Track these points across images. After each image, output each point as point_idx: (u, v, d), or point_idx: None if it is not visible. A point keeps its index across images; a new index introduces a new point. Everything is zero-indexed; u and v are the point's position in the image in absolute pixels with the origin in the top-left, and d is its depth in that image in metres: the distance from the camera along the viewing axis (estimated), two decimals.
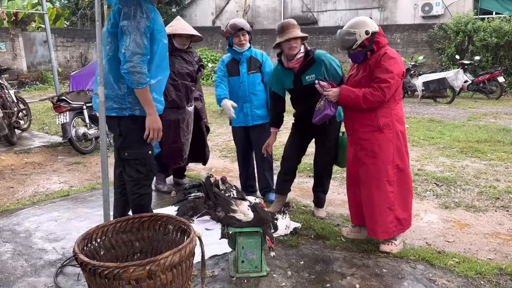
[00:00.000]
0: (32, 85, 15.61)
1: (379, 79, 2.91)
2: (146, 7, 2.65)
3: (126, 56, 2.58)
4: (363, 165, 3.09)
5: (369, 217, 3.10)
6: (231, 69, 3.97)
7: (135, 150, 2.85)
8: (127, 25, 2.58)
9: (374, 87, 2.91)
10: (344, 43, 3.02)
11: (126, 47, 2.58)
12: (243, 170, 4.25)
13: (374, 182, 3.04)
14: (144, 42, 2.61)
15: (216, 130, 7.95)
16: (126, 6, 2.60)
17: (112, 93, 2.76)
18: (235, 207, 2.80)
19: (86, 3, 19.24)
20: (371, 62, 2.99)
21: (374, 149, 3.02)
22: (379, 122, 3.00)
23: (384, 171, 3.02)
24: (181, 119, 4.14)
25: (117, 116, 2.79)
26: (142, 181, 2.91)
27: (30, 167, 5.57)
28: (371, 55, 3.00)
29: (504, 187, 4.47)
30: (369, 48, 2.98)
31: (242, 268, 2.78)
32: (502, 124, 8.01)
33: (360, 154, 3.10)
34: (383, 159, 3.02)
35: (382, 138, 3.01)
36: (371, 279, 2.74)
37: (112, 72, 2.75)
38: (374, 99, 2.91)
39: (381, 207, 3.03)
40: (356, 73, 3.11)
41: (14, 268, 2.92)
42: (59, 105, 6.04)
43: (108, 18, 2.81)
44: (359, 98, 2.94)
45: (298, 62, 3.42)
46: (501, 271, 2.81)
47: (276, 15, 19.34)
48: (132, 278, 1.97)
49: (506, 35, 12.96)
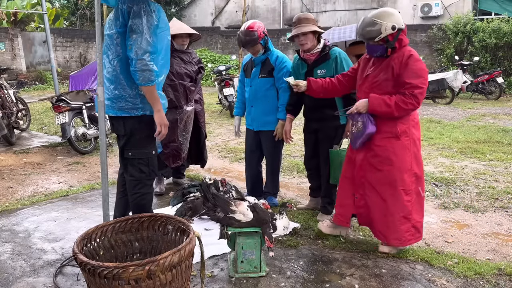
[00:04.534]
0: (31, 85, 15.60)
1: (410, 85, 2.73)
2: (154, 6, 2.69)
3: (138, 54, 2.59)
4: (377, 172, 2.95)
5: (380, 222, 3.01)
6: (247, 70, 3.97)
7: (139, 150, 2.86)
8: (137, 23, 2.60)
9: (406, 94, 2.73)
10: (366, 33, 2.83)
11: (137, 45, 2.59)
12: (248, 174, 4.15)
13: (389, 190, 2.93)
14: (153, 39, 2.64)
15: (215, 130, 7.95)
16: (135, 5, 2.62)
17: (124, 93, 2.76)
18: (234, 207, 2.80)
19: (86, 3, 19.23)
20: (394, 63, 2.81)
21: (389, 156, 2.90)
22: (397, 129, 2.86)
23: (401, 180, 2.90)
24: (179, 119, 4.14)
25: (122, 116, 2.80)
26: (144, 181, 2.92)
27: (29, 167, 5.57)
28: (392, 53, 2.84)
29: (503, 188, 4.48)
30: (392, 45, 2.80)
31: (241, 268, 2.78)
32: (501, 125, 8.02)
33: (373, 160, 2.96)
34: (399, 167, 2.89)
35: (398, 145, 2.88)
36: (370, 279, 2.74)
37: (123, 72, 2.74)
38: (408, 107, 2.75)
39: (395, 216, 2.94)
40: (374, 74, 2.93)
41: (13, 268, 2.92)
42: (58, 105, 6.03)
43: (110, 18, 2.80)
44: (391, 107, 2.77)
45: (315, 55, 3.49)
46: (500, 271, 2.81)
47: (275, 15, 19.35)
48: (131, 278, 1.97)
49: (505, 36, 12.98)
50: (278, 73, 3.75)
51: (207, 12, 20.83)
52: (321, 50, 3.48)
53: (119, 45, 2.72)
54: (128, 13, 2.64)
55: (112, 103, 2.79)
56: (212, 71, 15.12)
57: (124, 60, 2.72)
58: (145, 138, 2.86)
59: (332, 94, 3.36)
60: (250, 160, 4.10)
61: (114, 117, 2.84)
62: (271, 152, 3.95)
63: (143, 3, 2.64)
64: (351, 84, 3.24)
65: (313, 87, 3.29)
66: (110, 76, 2.77)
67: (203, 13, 20.89)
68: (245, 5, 11.79)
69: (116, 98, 2.77)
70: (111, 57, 2.76)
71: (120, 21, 2.68)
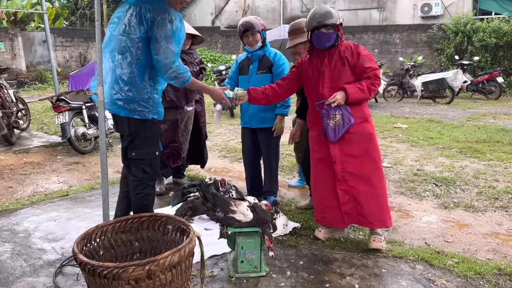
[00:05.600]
0: (31, 85, 15.61)
1: (371, 69, 2.99)
2: (176, 15, 2.75)
3: (167, 66, 2.69)
4: (357, 159, 3.01)
5: (375, 209, 3.03)
6: (243, 67, 3.92)
7: (143, 150, 2.87)
8: (162, 35, 2.65)
9: (371, 77, 2.98)
10: (324, 19, 2.99)
11: (164, 56, 2.67)
12: (247, 173, 4.14)
13: (374, 172, 3.04)
14: (177, 48, 2.73)
15: (215, 130, 7.95)
16: (160, 15, 2.67)
17: (138, 96, 2.78)
18: (234, 207, 2.80)
19: (85, 3, 19.24)
20: (347, 54, 3.02)
21: (366, 139, 3.04)
22: (365, 113, 3.07)
23: (379, 158, 3.09)
24: (179, 119, 4.14)
25: (126, 116, 2.81)
26: (147, 181, 2.92)
27: (29, 167, 5.57)
28: (337, 46, 3.05)
29: (503, 187, 4.48)
30: (339, 35, 3.04)
31: (241, 268, 2.78)
32: (501, 125, 8.02)
33: (351, 148, 3.01)
34: (375, 146, 3.08)
35: (368, 127, 3.07)
36: (370, 279, 2.74)
37: (139, 75, 2.77)
38: (376, 88, 2.99)
39: (384, 196, 3.09)
40: (330, 68, 3.05)
41: (13, 268, 2.92)
42: (58, 105, 6.03)
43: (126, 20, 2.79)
44: (365, 92, 2.97)
45: None
46: (500, 271, 2.81)
47: (275, 15, 19.35)
48: (131, 278, 1.97)
49: (505, 35, 12.98)
50: (277, 69, 3.76)
51: (207, 12, 20.83)
52: None
53: (140, 49, 2.74)
54: (152, 22, 2.68)
55: (125, 103, 2.80)
56: (212, 70, 15.12)
57: (144, 65, 2.76)
58: (149, 138, 2.87)
59: (275, 100, 3.42)
60: (248, 160, 4.09)
61: (119, 116, 2.85)
62: (269, 150, 3.93)
63: (168, 14, 2.68)
64: (292, 87, 3.34)
65: (253, 96, 3.29)
66: (126, 77, 2.78)
67: (203, 12, 20.89)
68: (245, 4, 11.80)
69: (129, 99, 2.78)
70: (130, 59, 2.76)
71: (145, 27, 2.71)
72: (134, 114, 2.80)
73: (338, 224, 3.18)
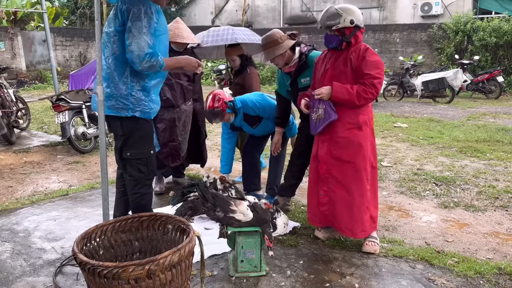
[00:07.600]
0: (31, 84, 15.59)
1: (369, 76, 2.86)
2: (154, 7, 2.69)
3: (140, 57, 2.59)
4: (342, 163, 2.99)
5: (347, 217, 3.01)
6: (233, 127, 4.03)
7: (138, 150, 2.85)
8: (137, 26, 2.60)
9: (367, 84, 2.86)
10: (327, 20, 2.94)
11: (138, 47, 2.58)
12: (243, 162, 4.20)
13: (354, 181, 2.98)
14: (152, 41, 2.64)
15: (215, 130, 7.95)
16: (135, 6, 2.62)
17: (116, 92, 2.74)
18: (234, 207, 2.80)
19: (85, 2, 19.22)
20: (352, 56, 2.94)
21: (354, 147, 2.97)
22: (359, 120, 2.96)
23: (364, 169, 2.98)
24: (177, 118, 4.13)
25: (119, 116, 2.78)
26: (144, 181, 2.91)
27: (29, 167, 5.56)
28: (347, 48, 2.96)
29: (503, 187, 4.48)
30: (347, 39, 2.93)
31: (242, 268, 2.77)
32: (501, 124, 8.02)
33: (337, 152, 3.00)
34: (363, 157, 2.97)
35: (360, 135, 2.97)
36: (370, 279, 2.74)
37: (117, 70, 2.73)
38: (368, 96, 2.86)
39: (361, 207, 2.99)
40: (333, 67, 3.02)
41: (13, 268, 2.92)
42: (58, 104, 6.03)
43: (110, 17, 2.80)
44: (352, 96, 2.86)
45: (294, 66, 3.51)
46: (500, 270, 2.81)
47: (275, 14, 19.34)
48: (131, 277, 1.96)
49: (505, 34, 12.97)
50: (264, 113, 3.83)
51: (207, 11, 20.82)
52: (298, 60, 3.48)
53: (115, 43, 2.71)
54: (127, 13, 2.64)
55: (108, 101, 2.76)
56: (212, 70, 15.13)
57: (120, 59, 2.71)
58: (143, 138, 2.84)
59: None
60: (246, 148, 4.15)
61: (111, 116, 2.81)
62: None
63: (143, 5, 2.63)
64: None
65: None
66: (104, 73, 2.75)
67: (203, 12, 20.88)
68: (245, 4, 11.78)
69: (107, 96, 2.74)
70: (107, 55, 2.74)
71: (120, 20, 2.67)
72: (112, 111, 2.74)
73: (315, 222, 3.25)
